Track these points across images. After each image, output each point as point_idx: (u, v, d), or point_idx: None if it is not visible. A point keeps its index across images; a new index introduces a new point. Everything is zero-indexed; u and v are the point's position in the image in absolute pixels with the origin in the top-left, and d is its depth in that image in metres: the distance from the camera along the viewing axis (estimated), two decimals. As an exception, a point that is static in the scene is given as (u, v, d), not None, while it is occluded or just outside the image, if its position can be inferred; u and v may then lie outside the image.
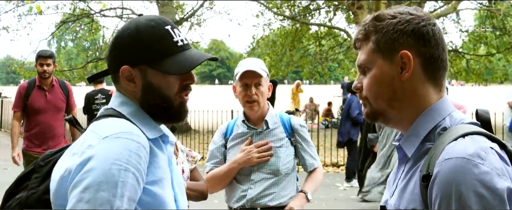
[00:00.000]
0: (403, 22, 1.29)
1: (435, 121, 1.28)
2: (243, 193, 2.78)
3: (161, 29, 1.40)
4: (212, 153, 2.93)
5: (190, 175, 2.93)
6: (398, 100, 1.30)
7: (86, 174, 1.21)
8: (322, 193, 8.20)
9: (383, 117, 1.34)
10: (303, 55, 20.64)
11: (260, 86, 2.75)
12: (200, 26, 20.18)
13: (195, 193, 2.88)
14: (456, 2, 16.12)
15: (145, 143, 1.29)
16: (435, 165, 1.17)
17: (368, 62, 1.33)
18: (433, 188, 1.16)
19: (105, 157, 1.22)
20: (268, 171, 2.77)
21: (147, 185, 1.29)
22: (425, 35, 1.28)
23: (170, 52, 1.40)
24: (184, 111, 1.45)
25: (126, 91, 1.42)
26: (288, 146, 2.82)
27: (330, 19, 19.98)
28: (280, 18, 19.57)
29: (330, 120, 17.44)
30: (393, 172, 1.42)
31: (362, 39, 1.35)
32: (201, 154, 10.39)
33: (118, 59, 1.41)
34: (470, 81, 22.39)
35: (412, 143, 1.30)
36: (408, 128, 1.32)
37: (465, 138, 1.19)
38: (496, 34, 18.42)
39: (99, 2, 16.73)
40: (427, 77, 1.30)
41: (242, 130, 2.85)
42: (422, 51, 1.28)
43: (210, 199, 3.13)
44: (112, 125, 1.32)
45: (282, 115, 2.91)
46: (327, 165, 10.99)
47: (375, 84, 1.32)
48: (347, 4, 15.04)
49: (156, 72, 1.39)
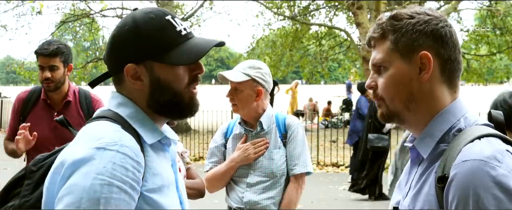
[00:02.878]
0: (422, 22, 1.28)
1: (450, 123, 1.28)
2: (240, 194, 2.78)
3: (162, 20, 1.33)
4: (212, 151, 2.93)
5: (186, 173, 2.94)
6: (415, 102, 1.29)
7: (68, 190, 1.15)
8: (322, 193, 8.21)
9: (398, 118, 1.34)
10: (303, 55, 20.65)
11: (239, 91, 2.74)
12: (200, 26, 20.20)
13: (193, 191, 2.89)
14: (456, 2, 16.12)
15: (133, 152, 1.21)
16: (451, 167, 1.16)
17: (385, 61, 1.31)
18: (450, 190, 1.15)
19: (87, 172, 1.15)
20: (263, 174, 2.76)
21: (147, 192, 1.24)
22: (443, 37, 1.28)
23: (175, 42, 1.32)
24: (195, 105, 1.39)
25: (130, 92, 1.34)
26: (281, 147, 2.79)
27: (330, 19, 19.99)
28: (280, 18, 19.57)
29: (330, 120, 17.43)
30: (404, 173, 1.41)
31: (378, 38, 1.34)
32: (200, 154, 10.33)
33: (120, 58, 1.33)
34: (471, 81, 22.38)
35: (427, 144, 1.29)
36: (422, 130, 1.31)
37: (481, 140, 1.19)
38: (496, 34, 18.42)
39: (101, 2, 16.73)
40: (444, 79, 1.30)
41: (239, 130, 2.86)
42: (441, 52, 1.28)
43: (210, 199, 3.13)
44: (100, 132, 1.24)
45: (278, 115, 2.88)
46: (327, 165, 10.98)
47: (393, 84, 1.31)
48: (347, 4, 15.04)
49: (164, 66, 1.31)
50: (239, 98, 2.75)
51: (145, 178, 1.24)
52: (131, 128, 1.29)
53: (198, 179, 2.96)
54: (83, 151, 1.18)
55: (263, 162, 2.76)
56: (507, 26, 17.71)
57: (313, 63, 20.77)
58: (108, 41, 1.37)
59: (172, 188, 1.35)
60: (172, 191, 1.35)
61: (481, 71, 19.34)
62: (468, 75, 19.38)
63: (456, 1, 16.17)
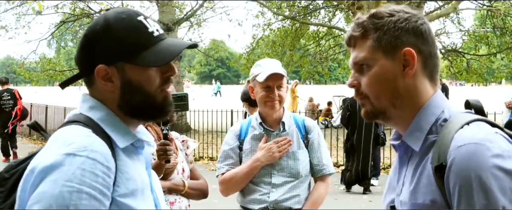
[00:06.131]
0: (402, 20, 1.31)
1: (435, 115, 1.30)
2: (263, 196, 2.74)
3: (134, 20, 1.30)
4: (226, 154, 2.86)
5: (190, 174, 2.94)
6: (400, 98, 1.31)
7: (37, 198, 1.13)
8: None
9: (383, 116, 1.35)
10: (303, 55, 20.65)
11: (282, 88, 2.75)
12: (200, 26, 20.19)
13: (196, 192, 2.89)
14: (456, 2, 16.13)
15: (103, 158, 1.19)
16: (447, 154, 1.19)
17: (368, 59, 1.33)
18: (449, 177, 1.17)
19: (56, 179, 1.13)
20: (289, 174, 2.76)
21: (119, 197, 1.22)
22: (423, 33, 1.31)
23: (147, 44, 1.29)
24: (168, 105, 1.35)
25: (101, 93, 1.32)
26: (304, 147, 2.81)
27: (330, 19, 19.99)
28: (280, 18, 19.57)
29: (330, 120, 17.44)
30: (393, 172, 1.41)
31: (359, 37, 1.35)
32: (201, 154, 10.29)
33: (90, 59, 1.29)
34: (471, 81, 22.40)
35: (417, 137, 1.31)
36: (407, 125, 1.33)
37: (470, 125, 1.22)
38: (496, 34, 18.42)
39: (101, 3, 16.72)
40: (426, 74, 1.33)
41: (259, 131, 2.82)
42: (422, 48, 1.31)
43: (210, 198, 3.13)
44: (70, 137, 1.22)
45: (295, 117, 2.90)
46: (327, 165, 10.98)
47: (377, 82, 1.32)
48: (347, 4, 15.04)
49: (135, 68, 1.29)
50: (281, 95, 2.75)
51: (117, 183, 1.22)
52: (103, 132, 1.27)
53: (202, 179, 2.96)
54: (52, 157, 1.17)
55: (288, 162, 2.76)
56: (507, 26, 17.71)
57: (313, 63, 20.77)
58: (79, 42, 1.34)
59: (146, 191, 1.34)
60: (147, 195, 1.33)
61: (481, 71, 19.33)
62: (468, 75, 19.38)
63: (456, 1, 16.17)
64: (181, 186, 2.80)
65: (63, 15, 19.17)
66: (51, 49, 32.90)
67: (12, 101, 11.62)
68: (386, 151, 11.63)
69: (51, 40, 21.06)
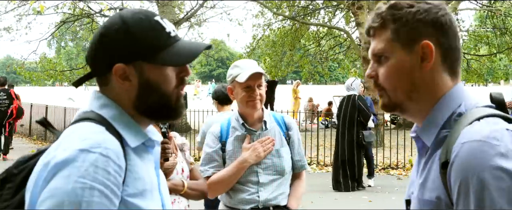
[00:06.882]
0: (422, 11, 1.28)
1: (452, 108, 1.27)
2: (252, 195, 2.75)
3: (151, 20, 1.31)
4: (210, 156, 2.82)
5: (190, 174, 2.94)
6: (417, 92, 1.29)
7: (50, 193, 1.14)
8: (322, 193, 8.21)
9: (400, 108, 1.33)
10: (303, 55, 20.66)
11: (262, 87, 2.76)
12: (200, 26, 20.20)
13: (196, 192, 2.89)
14: (456, 2, 16.12)
15: (115, 155, 1.19)
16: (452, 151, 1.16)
17: (386, 51, 1.31)
18: (451, 174, 1.15)
19: (69, 175, 1.13)
20: (274, 171, 2.77)
21: (128, 197, 1.22)
22: (444, 25, 1.28)
23: (165, 44, 1.30)
24: (182, 106, 1.36)
25: (116, 92, 1.32)
26: (286, 145, 2.83)
27: (330, 19, 19.98)
28: (280, 18, 19.58)
29: (330, 120, 17.45)
30: (415, 164, 1.40)
31: (378, 28, 1.33)
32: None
33: (107, 58, 1.29)
34: (471, 81, 22.40)
35: (430, 132, 1.29)
36: (424, 119, 1.31)
37: (480, 121, 1.18)
38: (496, 34, 18.43)
39: (101, 3, 16.73)
40: (445, 67, 1.29)
41: (241, 132, 2.81)
42: (441, 41, 1.28)
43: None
44: (84, 134, 1.22)
45: (275, 115, 2.90)
46: (327, 165, 10.99)
47: (394, 74, 1.30)
48: (347, 4, 15.04)
49: (154, 67, 1.30)
50: (262, 94, 2.76)
51: (126, 182, 1.22)
52: (114, 130, 1.27)
53: (201, 179, 2.96)
54: (65, 152, 1.17)
55: (273, 160, 2.77)
56: (507, 27, 17.72)
57: (313, 63, 20.77)
58: (92, 41, 1.33)
59: (155, 192, 1.34)
60: (155, 195, 1.33)
61: (481, 72, 19.33)
62: (468, 75, 19.39)
63: (456, 1, 16.17)
64: (181, 186, 2.80)
65: (63, 15, 19.17)
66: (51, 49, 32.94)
67: (8, 101, 12.03)
68: (386, 151, 11.64)
69: (51, 40, 21.08)
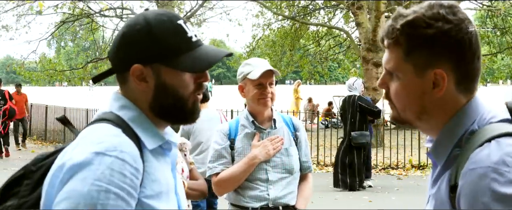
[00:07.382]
0: (440, 35, 1.17)
1: (465, 125, 1.20)
2: (262, 193, 2.75)
3: (174, 23, 1.30)
4: (219, 153, 2.81)
5: (190, 175, 2.94)
6: (427, 113, 1.24)
7: (66, 195, 1.14)
8: (322, 193, 8.21)
9: (410, 125, 1.29)
10: (303, 55, 20.66)
11: (273, 85, 2.78)
12: (200, 26, 20.20)
13: (196, 192, 2.89)
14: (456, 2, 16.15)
15: (132, 159, 1.20)
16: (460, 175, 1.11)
17: (397, 70, 1.25)
18: (460, 203, 1.10)
19: (85, 177, 1.14)
20: (284, 170, 2.78)
21: (145, 199, 1.23)
22: (463, 48, 1.19)
23: (186, 48, 1.29)
24: (197, 111, 1.36)
25: (134, 93, 1.32)
26: (294, 144, 2.85)
27: (330, 19, 19.99)
28: (280, 18, 19.58)
29: (330, 120, 17.45)
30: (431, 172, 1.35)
31: (392, 43, 1.25)
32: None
33: (127, 57, 1.30)
34: (470, 81, 22.42)
35: (440, 153, 1.23)
36: (437, 134, 1.26)
37: (491, 143, 1.11)
38: (497, 34, 18.43)
39: (100, 2, 16.73)
40: (460, 90, 1.22)
41: (251, 130, 2.82)
42: (457, 66, 1.20)
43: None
44: (100, 136, 1.22)
45: (282, 115, 2.93)
46: (327, 165, 10.99)
47: (404, 95, 1.25)
48: (346, 4, 15.04)
49: (171, 70, 1.29)
50: (273, 92, 2.78)
51: (143, 184, 1.23)
52: (132, 132, 1.28)
53: (201, 180, 2.96)
54: (82, 155, 1.18)
55: (282, 158, 2.79)
56: (507, 26, 17.72)
57: (313, 63, 20.78)
58: (115, 38, 1.34)
59: (171, 193, 1.34)
60: (171, 197, 1.34)
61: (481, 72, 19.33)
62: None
63: (456, 1, 16.19)
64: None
65: (63, 15, 19.17)
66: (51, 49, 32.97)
67: (3, 101, 12.36)
68: (386, 151, 11.64)
69: (51, 40, 21.07)
